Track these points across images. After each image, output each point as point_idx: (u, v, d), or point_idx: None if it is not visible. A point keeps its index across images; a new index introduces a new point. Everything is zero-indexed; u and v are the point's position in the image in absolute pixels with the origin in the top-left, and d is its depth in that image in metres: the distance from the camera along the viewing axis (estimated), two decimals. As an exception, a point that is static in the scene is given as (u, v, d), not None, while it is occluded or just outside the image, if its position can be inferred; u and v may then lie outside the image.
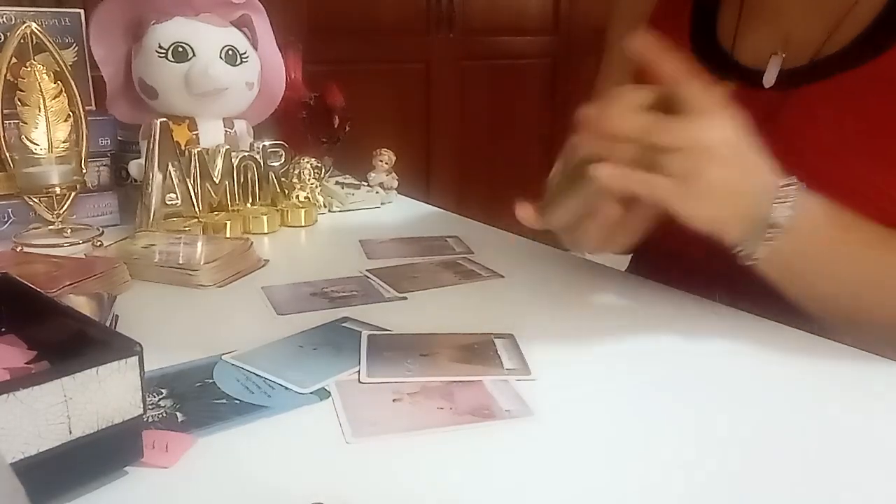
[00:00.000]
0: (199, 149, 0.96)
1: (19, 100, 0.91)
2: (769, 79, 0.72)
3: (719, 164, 0.55)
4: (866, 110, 0.66)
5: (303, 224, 1.00)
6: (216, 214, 0.97)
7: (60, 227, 0.91)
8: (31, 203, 0.91)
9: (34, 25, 0.91)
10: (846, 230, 0.61)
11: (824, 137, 0.67)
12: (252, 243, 0.83)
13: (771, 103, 0.71)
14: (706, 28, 0.80)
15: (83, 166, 0.94)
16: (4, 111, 0.90)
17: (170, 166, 0.93)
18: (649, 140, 0.55)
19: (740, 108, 0.57)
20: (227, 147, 0.98)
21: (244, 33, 1.01)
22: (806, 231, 0.58)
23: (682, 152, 0.55)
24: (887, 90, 0.64)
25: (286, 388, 0.53)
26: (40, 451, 0.37)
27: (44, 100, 0.92)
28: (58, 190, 0.91)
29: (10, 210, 0.91)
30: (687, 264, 0.74)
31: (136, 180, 0.97)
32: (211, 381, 0.54)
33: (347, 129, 1.20)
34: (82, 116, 0.94)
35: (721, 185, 0.56)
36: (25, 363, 0.46)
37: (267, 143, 1.04)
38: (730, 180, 0.56)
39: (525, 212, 0.63)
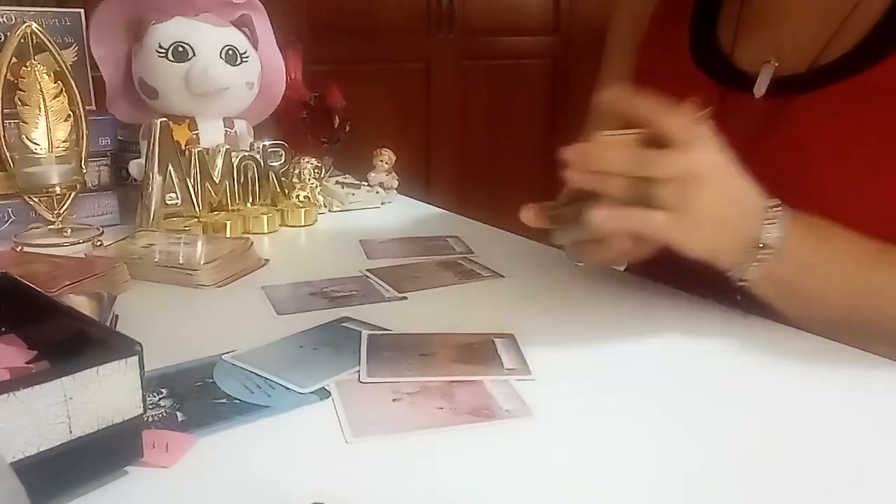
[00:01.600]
0: (199, 149, 0.96)
1: (19, 99, 0.91)
2: (759, 89, 0.72)
3: (710, 191, 0.56)
4: (863, 119, 0.65)
5: (303, 224, 1.00)
6: (216, 214, 0.97)
7: (60, 226, 0.91)
8: (32, 203, 0.91)
9: (34, 25, 0.91)
10: (834, 246, 0.61)
11: (821, 146, 0.67)
12: (252, 243, 0.83)
13: (768, 111, 0.70)
14: (706, 31, 0.80)
15: (83, 166, 0.95)
16: (4, 111, 0.90)
17: (170, 166, 0.93)
18: (639, 173, 0.55)
19: (737, 117, 0.57)
20: (228, 147, 0.98)
21: (244, 33, 1.01)
22: (795, 250, 0.59)
23: (673, 182, 0.55)
24: (884, 99, 0.64)
25: (286, 387, 0.53)
26: (40, 450, 0.37)
27: (44, 100, 0.92)
28: (58, 190, 0.91)
29: (10, 210, 0.91)
30: (685, 264, 0.74)
31: (136, 180, 0.97)
32: (211, 380, 0.54)
33: (347, 129, 1.20)
34: (82, 116, 0.94)
35: (713, 212, 0.57)
36: (25, 363, 0.46)
37: (267, 143, 1.04)
38: (721, 206, 0.57)
39: (529, 214, 0.64)
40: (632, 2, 0.91)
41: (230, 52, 0.98)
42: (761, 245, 0.58)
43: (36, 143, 0.91)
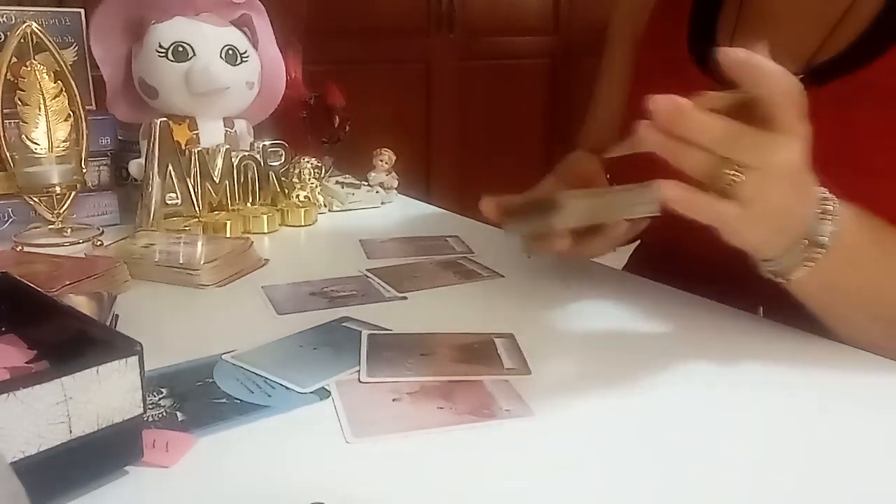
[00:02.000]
0: (199, 148, 0.96)
1: (19, 99, 0.91)
2: None
3: (783, 187, 0.52)
4: (858, 118, 0.65)
5: (303, 224, 1.00)
6: (216, 214, 0.97)
7: (60, 226, 0.91)
8: (32, 203, 0.91)
9: (34, 25, 0.91)
10: (884, 247, 0.58)
11: (817, 144, 0.67)
12: (252, 243, 0.83)
13: None
14: (706, 27, 0.80)
15: (83, 166, 0.94)
16: (4, 111, 0.90)
17: (170, 166, 0.93)
18: (725, 153, 0.49)
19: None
20: (228, 147, 0.98)
21: (244, 33, 1.01)
22: (846, 250, 0.55)
23: (755, 172, 0.50)
24: (877, 97, 0.64)
25: (286, 387, 0.53)
26: (40, 450, 0.37)
27: (44, 99, 0.92)
28: (58, 189, 0.91)
29: (10, 210, 0.91)
30: (686, 261, 0.74)
31: (136, 180, 0.97)
32: (211, 380, 0.54)
33: (347, 128, 1.20)
34: (82, 116, 0.94)
35: (779, 210, 0.53)
36: (25, 363, 0.46)
37: (267, 143, 1.04)
38: (787, 204, 0.53)
39: (488, 206, 0.65)
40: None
41: (230, 51, 0.98)
42: (816, 243, 0.54)
43: (36, 143, 0.92)
